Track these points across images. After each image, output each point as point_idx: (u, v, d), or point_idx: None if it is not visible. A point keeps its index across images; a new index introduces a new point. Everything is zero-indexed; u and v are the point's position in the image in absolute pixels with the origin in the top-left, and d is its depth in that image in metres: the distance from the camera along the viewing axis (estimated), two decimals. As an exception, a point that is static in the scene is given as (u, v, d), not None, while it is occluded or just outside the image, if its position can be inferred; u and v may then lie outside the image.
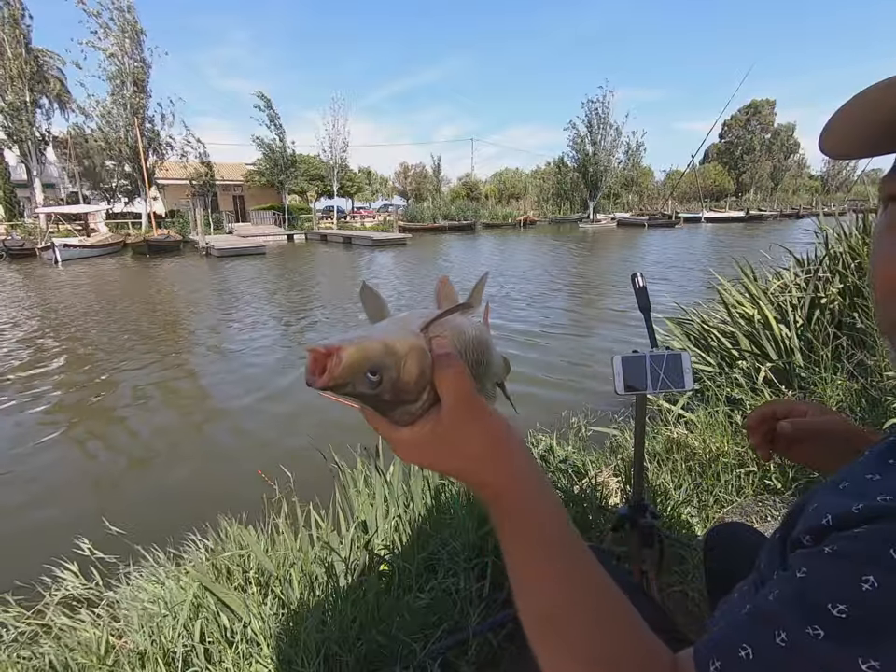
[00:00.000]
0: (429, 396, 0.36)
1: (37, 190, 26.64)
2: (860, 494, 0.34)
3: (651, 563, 1.24)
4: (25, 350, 7.20)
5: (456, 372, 0.37)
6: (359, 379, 0.32)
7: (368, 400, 0.35)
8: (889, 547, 0.29)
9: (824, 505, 0.37)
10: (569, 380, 5.31)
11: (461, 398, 0.37)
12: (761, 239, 18.27)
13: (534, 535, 0.39)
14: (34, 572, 1.98)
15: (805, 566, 0.33)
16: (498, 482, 0.39)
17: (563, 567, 0.38)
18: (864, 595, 0.28)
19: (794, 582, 0.33)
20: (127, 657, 1.38)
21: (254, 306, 10.33)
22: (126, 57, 25.93)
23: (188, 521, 2.21)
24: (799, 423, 0.66)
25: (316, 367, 0.31)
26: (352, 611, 1.36)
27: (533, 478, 0.40)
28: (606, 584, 0.39)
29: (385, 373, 0.33)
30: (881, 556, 0.29)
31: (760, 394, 2.53)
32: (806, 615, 0.30)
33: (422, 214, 37.46)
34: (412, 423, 0.37)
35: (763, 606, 0.34)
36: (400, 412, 0.36)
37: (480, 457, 0.38)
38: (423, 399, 0.36)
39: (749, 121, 56.49)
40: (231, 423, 4.63)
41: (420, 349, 0.35)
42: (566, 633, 0.37)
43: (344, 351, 0.31)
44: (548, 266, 16.22)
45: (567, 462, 2.46)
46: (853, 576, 0.29)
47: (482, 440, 0.38)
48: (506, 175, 51.43)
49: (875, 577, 0.28)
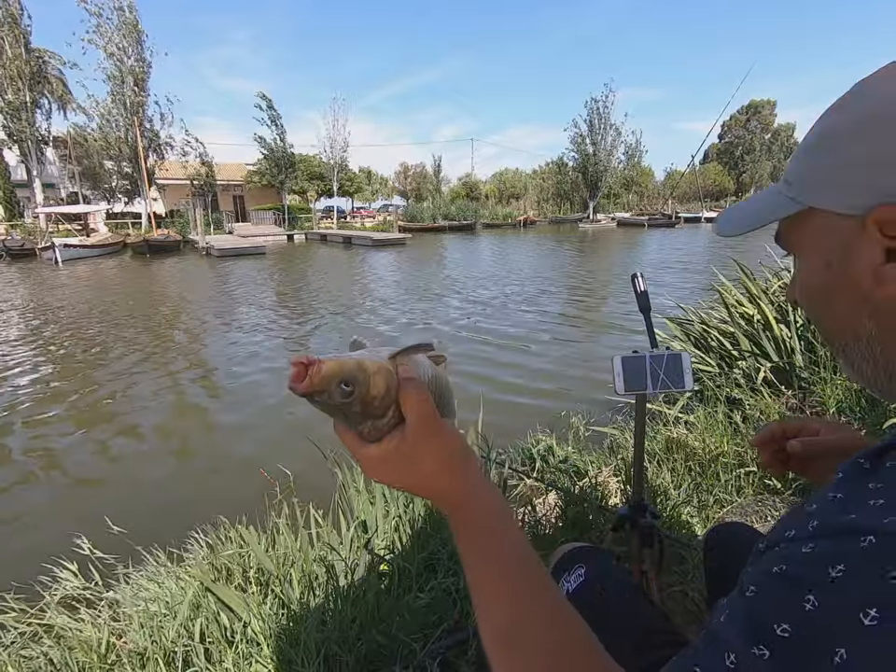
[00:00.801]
0: (395, 414, 0.41)
1: (37, 190, 26.65)
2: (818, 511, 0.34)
3: (651, 563, 1.24)
4: (25, 350, 7.20)
5: (420, 392, 0.41)
6: (334, 388, 0.37)
7: (341, 412, 0.40)
8: (829, 566, 0.29)
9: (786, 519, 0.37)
10: (569, 380, 5.31)
11: (423, 416, 0.40)
12: (761, 239, 18.25)
13: (489, 549, 0.41)
14: (34, 572, 1.98)
15: (753, 584, 0.33)
16: (456, 493, 0.42)
17: (516, 584, 0.40)
18: (806, 615, 0.28)
19: (743, 601, 0.32)
20: (127, 657, 1.38)
21: (254, 306, 10.33)
22: (126, 57, 25.96)
23: (188, 521, 2.22)
24: (810, 442, 0.64)
25: (299, 376, 0.36)
26: (352, 611, 1.36)
27: (489, 494, 0.43)
28: (559, 604, 0.40)
29: (357, 386, 0.38)
30: (823, 576, 0.29)
31: (759, 394, 2.53)
32: (753, 635, 0.30)
33: (422, 214, 37.46)
34: (379, 439, 0.41)
35: (715, 627, 0.34)
36: (370, 426, 0.40)
37: (439, 471, 0.41)
38: (389, 416, 0.41)
39: (749, 121, 56.51)
40: (231, 423, 4.63)
41: (387, 370, 0.40)
42: (517, 650, 0.38)
43: (324, 363, 0.37)
44: (547, 266, 16.22)
45: (567, 462, 2.46)
46: (797, 595, 0.29)
47: (440, 454, 0.41)
48: (506, 175, 51.45)
49: (815, 597, 0.28)
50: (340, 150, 36.13)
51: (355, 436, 0.41)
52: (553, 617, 0.39)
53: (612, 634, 0.40)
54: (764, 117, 56.87)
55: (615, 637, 0.40)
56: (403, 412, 0.40)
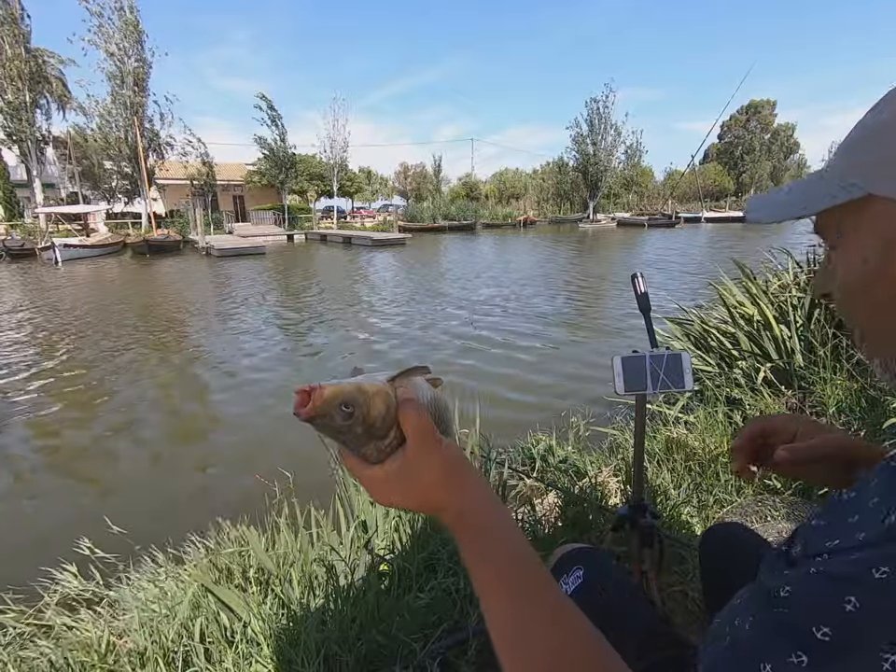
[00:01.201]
0: (397, 434, 0.42)
1: (37, 190, 26.65)
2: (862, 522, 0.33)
3: (651, 563, 1.24)
4: (25, 350, 7.20)
5: (418, 411, 0.42)
6: (335, 410, 0.39)
7: (343, 435, 0.41)
8: (871, 568, 0.28)
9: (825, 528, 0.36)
10: (569, 380, 5.31)
11: (421, 432, 0.41)
12: (761, 239, 18.28)
13: (491, 556, 0.41)
14: (34, 572, 1.98)
15: (788, 585, 0.32)
16: (458, 504, 0.42)
17: (518, 585, 0.40)
18: (847, 617, 0.27)
19: (774, 604, 0.31)
20: (127, 656, 1.38)
21: (254, 307, 10.33)
22: (126, 57, 25.95)
23: (188, 520, 2.22)
24: (795, 449, 0.64)
25: (302, 402, 0.38)
26: (352, 611, 1.36)
27: (488, 503, 0.43)
28: (562, 603, 0.40)
29: (357, 408, 0.39)
30: (865, 577, 0.28)
31: (759, 394, 2.53)
32: (789, 641, 0.29)
33: (422, 214, 37.44)
34: (382, 460, 0.42)
35: (743, 637, 0.32)
36: (372, 448, 0.42)
37: (438, 484, 0.42)
38: (391, 437, 0.42)
39: (749, 121, 56.50)
40: (231, 423, 4.63)
41: (385, 392, 0.42)
42: (523, 650, 0.38)
43: (325, 388, 0.39)
44: (547, 266, 16.22)
45: (567, 462, 2.46)
46: (837, 596, 0.28)
47: (439, 469, 0.42)
48: (506, 175, 51.42)
49: (857, 597, 0.28)
50: (340, 150, 36.14)
51: (358, 460, 0.42)
52: (556, 615, 0.39)
53: (613, 634, 0.40)
54: (764, 117, 56.85)
55: (616, 638, 0.39)
56: (403, 429, 0.42)
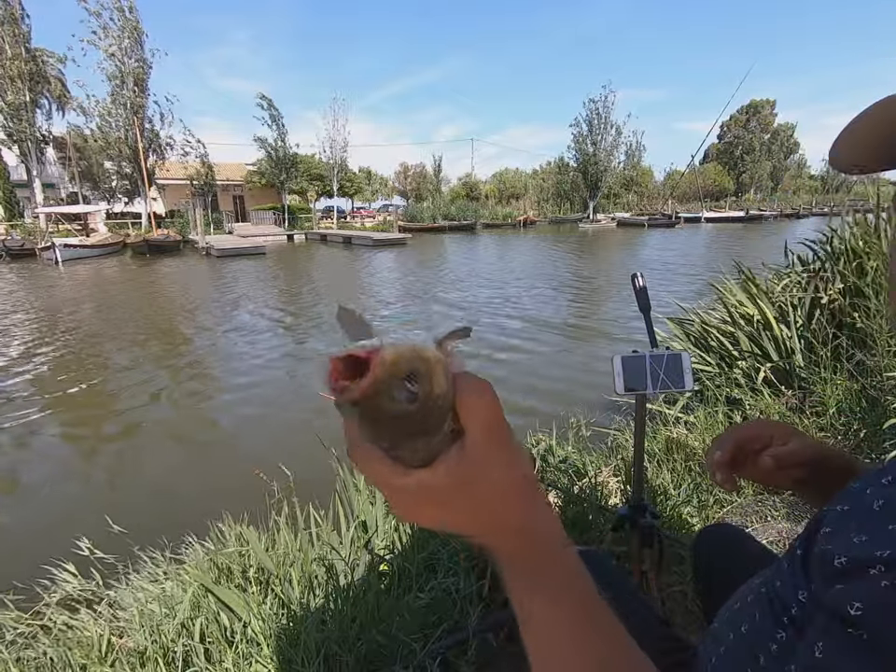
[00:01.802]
0: (450, 426, 0.29)
1: (37, 190, 26.64)
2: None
3: (651, 563, 1.24)
4: (25, 350, 7.19)
5: (486, 394, 0.29)
6: (398, 385, 0.26)
7: (394, 426, 0.28)
8: None
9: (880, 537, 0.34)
10: (569, 380, 5.31)
11: (489, 424, 0.29)
12: (761, 239, 18.28)
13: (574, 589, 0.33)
14: (34, 572, 1.98)
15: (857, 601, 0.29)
16: (533, 527, 0.32)
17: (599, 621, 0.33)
18: None
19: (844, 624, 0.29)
20: (127, 656, 1.38)
21: (254, 307, 10.33)
22: (126, 57, 25.94)
23: (188, 520, 2.22)
24: (780, 455, 0.62)
25: (343, 374, 0.27)
26: (352, 611, 1.36)
27: (559, 522, 0.34)
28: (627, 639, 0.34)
29: (422, 382, 0.27)
30: None
31: (759, 394, 2.53)
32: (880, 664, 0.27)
33: (422, 214, 37.43)
34: (428, 463, 0.29)
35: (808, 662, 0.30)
36: (421, 444, 0.29)
37: (509, 493, 0.31)
38: (444, 431, 0.29)
39: (749, 121, 56.51)
40: (232, 423, 4.63)
41: (444, 361, 0.29)
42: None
43: (384, 350, 0.27)
44: (547, 266, 16.21)
45: (567, 462, 2.46)
46: None
47: (512, 473, 0.30)
48: (506, 175, 51.40)
49: None
50: (340, 150, 36.15)
51: (390, 463, 0.29)
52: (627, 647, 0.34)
53: None
54: (764, 117, 56.87)
55: None
56: (463, 419, 0.29)
